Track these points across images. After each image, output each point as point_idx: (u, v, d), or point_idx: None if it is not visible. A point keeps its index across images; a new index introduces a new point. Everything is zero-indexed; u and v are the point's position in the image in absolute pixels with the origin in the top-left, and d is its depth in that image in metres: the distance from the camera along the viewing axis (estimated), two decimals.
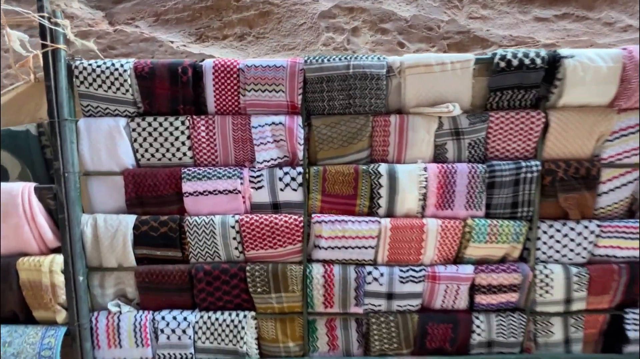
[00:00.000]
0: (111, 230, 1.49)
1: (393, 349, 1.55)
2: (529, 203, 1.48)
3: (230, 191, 1.48)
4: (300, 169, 1.49)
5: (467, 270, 1.50)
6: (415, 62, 1.39)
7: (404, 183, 1.45)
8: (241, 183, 1.48)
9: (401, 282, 1.51)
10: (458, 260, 1.55)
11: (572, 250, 1.50)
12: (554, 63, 1.39)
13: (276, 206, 1.53)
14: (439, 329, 1.53)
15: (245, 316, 1.53)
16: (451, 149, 1.49)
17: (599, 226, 1.47)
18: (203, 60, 1.45)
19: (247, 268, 1.51)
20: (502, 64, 1.38)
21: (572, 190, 1.45)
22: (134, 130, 1.49)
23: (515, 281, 1.50)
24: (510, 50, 1.39)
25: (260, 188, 1.50)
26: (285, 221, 1.48)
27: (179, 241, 1.50)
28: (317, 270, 1.51)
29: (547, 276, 1.50)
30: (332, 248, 1.50)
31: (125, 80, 1.44)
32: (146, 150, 1.51)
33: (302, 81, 1.43)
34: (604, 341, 1.61)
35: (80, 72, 1.45)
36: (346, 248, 1.50)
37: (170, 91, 1.45)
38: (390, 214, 1.51)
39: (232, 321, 1.52)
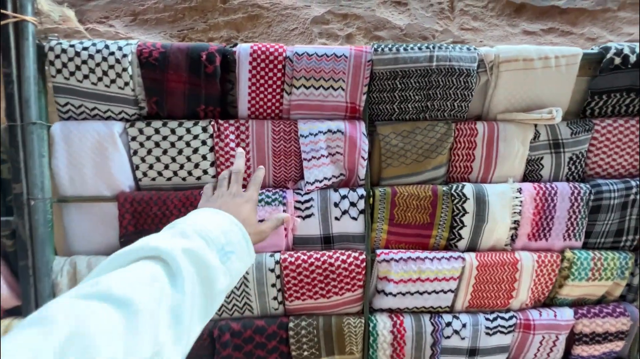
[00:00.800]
0: None
1: None
2: (635, 230, 1.22)
3: None
4: (362, 191, 1.13)
5: (567, 315, 1.20)
6: (514, 55, 1.10)
7: (495, 209, 1.14)
8: (284, 211, 1.11)
9: (487, 334, 1.18)
10: (548, 301, 1.26)
11: None
12: None
13: (328, 240, 1.16)
14: None
15: None
16: (548, 165, 1.20)
17: None
18: (235, 44, 1.07)
19: (290, 324, 1.12)
20: (617, 61, 1.12)
21: None
22: (134, 138, 1.08)
23: (623, 326, 1.22)
24: (625, 44, 1.13)
25: (308, 216, 1.13)
26: (343, 261, 1.12)
27: None
28: (382, 324, 1.15)
29: None
30: (403, 294, 1.15)
31: (125, 70, 1.03)
32: (151, 167, 1.10)
33: (368, 76, 1.09)
34: None
35: (57, 57, 1.03)
36: (421, 293, 1.15)
37: (188, 86, 1.06)
38: (472, 247, 1.19)
39: None
